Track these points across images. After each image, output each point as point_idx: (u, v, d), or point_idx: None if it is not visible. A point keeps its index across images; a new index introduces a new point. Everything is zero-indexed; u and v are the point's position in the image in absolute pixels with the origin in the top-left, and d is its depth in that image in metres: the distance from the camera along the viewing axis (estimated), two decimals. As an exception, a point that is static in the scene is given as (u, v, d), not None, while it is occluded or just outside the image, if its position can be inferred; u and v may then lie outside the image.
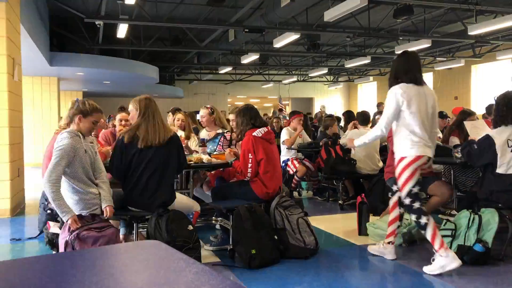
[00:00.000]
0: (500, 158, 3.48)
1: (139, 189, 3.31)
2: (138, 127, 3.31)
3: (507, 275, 3.22)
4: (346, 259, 3.63)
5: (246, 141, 3.79)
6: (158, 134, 3.29)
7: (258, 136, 3.79)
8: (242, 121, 3.91)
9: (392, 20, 10.29)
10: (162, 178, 3.34)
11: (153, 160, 3.29)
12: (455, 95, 17.40)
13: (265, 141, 3.82)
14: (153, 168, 3.30)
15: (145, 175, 3.29)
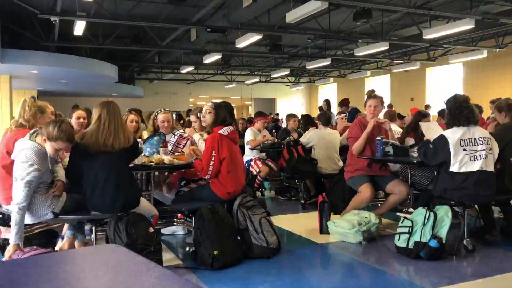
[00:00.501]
0: (453, 157, 3.63)
1: (98, 193, 3.22)
2: (92, 131, 3.25)
3: (459, 269, 3.37)
4: (308, 258, 3.68)
5: (212, 138, 3.76)
6: (113, 138, 3.22)
7: (224, 134, 3.77)
8: (218, 116, 3.86)
9: (351, 23, 10.53)
10: (121, 180, 3.27)
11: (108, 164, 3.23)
12: (411, 97, 18.03)
13: (230, 140, 3.81)
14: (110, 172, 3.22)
15: (102, 179, 3.21)
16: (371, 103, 4.47)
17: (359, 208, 4.35)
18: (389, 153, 4.40)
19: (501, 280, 3.09)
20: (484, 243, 3.92)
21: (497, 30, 11.97)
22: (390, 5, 9.07)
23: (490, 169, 3.65)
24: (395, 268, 3.46)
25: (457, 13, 9.57)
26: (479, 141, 3.64)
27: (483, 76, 15.03)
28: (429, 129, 4.63)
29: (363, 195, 4.29)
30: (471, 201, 3.75)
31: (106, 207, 3.23)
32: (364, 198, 4.30)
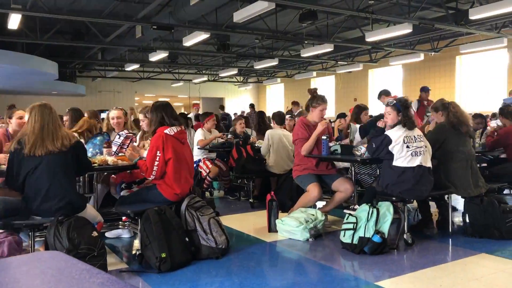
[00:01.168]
0: (396, 153, 3.81)
1: (40, 197, 3.07)
2: (27, 134, 3.11)
3: (400, 262, 3.53)
4: (256, 256, 3.70)
5: (156, 138, 3.66)
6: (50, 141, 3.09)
7: (170, 134, 3.69)
8: (156, 117, 3.77)
9: (298, 24, 10.73)
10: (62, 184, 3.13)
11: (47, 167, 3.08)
12: (355, 97, 18.69)
13: (176, 140, 3.73)
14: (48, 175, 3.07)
15: (41, 182, 3.06)
16: (323, 108, 4.58)
17: (306, 207, 4.44)
18: (337, 152, 4.53)
19: (436, 270, 3.27)
20: (422, 237, 4.14)
21: (432, 34, 12.71)
22: (334, 8, 9.34)
23: (428, 164, 3.87)
24: (340, 263, 3.57)
25: (396, 17, 10.04)
26: (417, 138, 3.85)
27: (421, 78, 15.88)
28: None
29: (311, 194, 4.39)
30: (410, 195, 3.96)
31: (49, 211, 3.08)
32: (312, 197, 4.40)
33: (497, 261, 3.48)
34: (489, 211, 4.04)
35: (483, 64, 14.49)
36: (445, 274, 3.20)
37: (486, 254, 3.63)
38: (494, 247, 3.77)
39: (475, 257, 3.57)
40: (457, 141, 4.23)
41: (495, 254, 3.61)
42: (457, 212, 5.07)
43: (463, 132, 4.27)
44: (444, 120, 4.41)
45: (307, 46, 14.01)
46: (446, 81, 15.05)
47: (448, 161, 4.21)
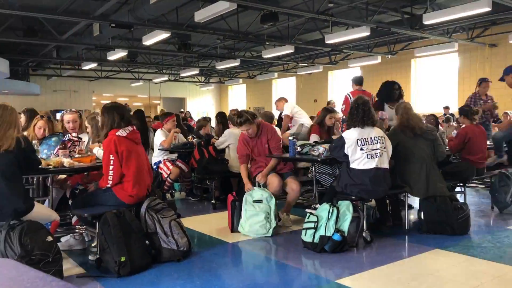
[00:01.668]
0: (351, 156, 3.91)
1: None
2: None
3: (359, 260, 3.62)
4: (218, 258, 3.68)
5: (108, 141, 3.52)
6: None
7: (122, 135, 3.58)
8: (107, 120, 3.65)
9: (259, 25, 10.79)
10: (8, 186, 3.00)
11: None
12: (315, 98, 19.00)
13: (130, 141, 3.63)
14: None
15: None
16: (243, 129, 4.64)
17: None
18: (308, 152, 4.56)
19: (393, 267, 3.38)
20: (380, 234, 4.26)
21: (389, 38, 13.12)
22: (295, 10, 9.45)
23: (385, 166, 3.98)
24: (302, 262, 3.61)
25: (355, 21, 10.29)
26: (375, 140, 3.94)
27: (378, 80, 16.25)
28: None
29: (272, 185, 4.44)
30: (369, 195, 4.06)
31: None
32: (274, 186, 4.45)
33: (449, 256, 3.63)
34: (442, 209, 4.21)
35: (436, 67, 15.12)
36: (402, 270, 3.31)
37: (439, 249, 3.78)
38: (447, 243, 3.94)
39: (429, 252, 3.71)
40: (412, 144, 4.38)
41: (448, 250, 3.77)
42: (412, 210, 5.25)
43: (419, 135, 4.41)
44: (397, 123, 4.57)
45: (269, 47, 14.11)
46: (402, 83, 15.45)
47: (403, 162, 4.36)
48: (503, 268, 3.32)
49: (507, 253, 3.67)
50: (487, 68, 13.20)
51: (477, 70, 13.38)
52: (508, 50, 12.68)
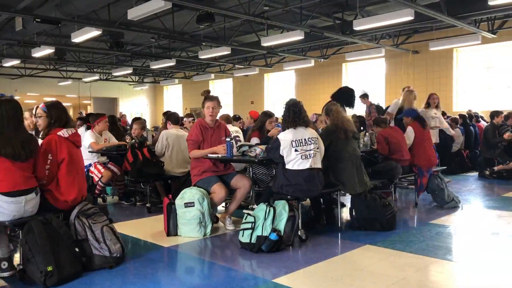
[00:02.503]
0: (286, 157, 3.99)
1: None
2: None
3: (295, 258, 3.70)
4: (154, 263, 3.58)
5: (48, 140, 3.36)
6: None
7: (64, 136, 3.40)
8: (51, 117, 3.44)
9: (195, 25, 10.67)
10: None
11: None
12: (252, 100, 19.18)
13: (70, 143, 3.45)
14: None
15: None
16: (209, 105, 4.58)
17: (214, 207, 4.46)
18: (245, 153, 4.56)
19: (327, 264, 3.49)
20: (315, 232, 4.39)
21: (321, 42, 13.58)
22: (231, 11, 9.47)
23: (318, 166, 4.11)
24: (239, 263, 3.62)
25: (289, 24, 10.53)
26: (308, 141, 4.05)
27: (311, 83, 16.88)
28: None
29: (218, 195, 4.39)
30: (304, 195, 4.17)
31: None
32: (219, 198, 4.40)
33: (379, 251, 3.83)
34: (372, 206, 4.43)
35: (365, 71, 15.90)
36: (336, 267, 3.43)
37: (370, 245, 3.97)
38: (376, 239, 4.14)
39: (360, 249, 3.88)
40: (343, 143, 4.57)
41: (377, 245, 3.96)
42: (344, 208, 5.46)
43: (349, 135, 4.61)
44: (329, 124, 4.74)
45: (205, 48, 14.02)
46: (334, 86, 16.12)
47: (336, 161, 4.53)
48: (426, 260, 3.56)
49: (429, 246, 3.94)
50: (410, 73, 14.10)
51: (402, 75, 14.25)
52: (428, 56, 13.64)
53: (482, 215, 5.36)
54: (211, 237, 4.30)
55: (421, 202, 5.88)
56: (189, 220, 4.23)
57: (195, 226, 4.23)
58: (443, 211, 5.41)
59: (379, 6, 10.77)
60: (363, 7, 10.68)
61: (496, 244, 4.11)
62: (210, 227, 4.31)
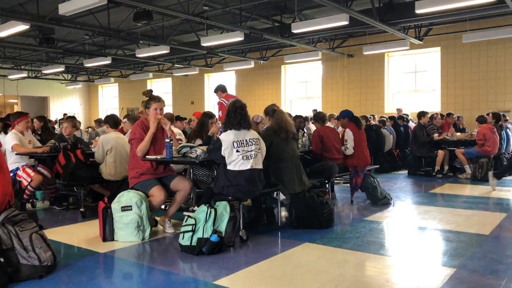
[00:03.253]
0: (228, 157, 3.98)
1: None
2: None
3: (236, 259, 3.69)
4: (89, 270, 3.41)
5: None
6: None
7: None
8: None
9: (132, 23, 10.36)
10: None
11: None
12: (192, 100, 18.97)
13: None
14: None
15: None
16: (156, 106, 4.47)
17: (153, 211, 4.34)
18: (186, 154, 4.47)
19: (268, 263, 3.53)
20: (256, 232, 4.42)
21: (261, 44, 13.74)
22: (169, 10, 9.29)
23: (259, 166, 4.14)
24: (180, 267, 3.55)
25: (229, 25, 10.54)
26: (250, 142, 4.08)
27: (251, 84, 17.02)
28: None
29: (157, 199, 4.27)
30: (245, 195, 4.19)
31: None
32: (158, 201, 4.29)
33: (317, 248, 3.93)
34: (310, 204, 4.54)
35: (303, 73, 16.31)
36: (276, 266, 3.47)
37: (309, 243, 4.07)
38: (315, 236, 4.26)
39: (300, 247, 3.97)
40: (283, 144, 4.65)
41: (316, 243, 4.07)
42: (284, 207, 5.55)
43: (289, 136, 4.70)
44: (271, 125, 4.80)
45: (143, 47, 13.65)
46: (274, 87, 16.46)
47: (276, 161, 4.59)
48: (361, 255, 3.71)
49: (364, 241, 4.11)
50: (345, 76, 14.68)
51: (338, 78, 14.80)
52: (362, 60, 14.28)
53: (411, 210, 5.70)
54: (150, 241, 4.18)
55: (356, 199, 6.13)
56: (126, 224, 4.09)
57: (133, 230, 4.10)
58: (377, 208, 5.68)
59: (316, 10, 11.10)
60: (301, 11, 10.95)
61: (424, 237, 4.39)
62: (148, 231, 4.20)
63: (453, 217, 5.09)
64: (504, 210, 5.44)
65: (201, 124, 5.44)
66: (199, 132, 5.37)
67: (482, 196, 6.49)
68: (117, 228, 4.13)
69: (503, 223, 4.77)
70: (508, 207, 5.68)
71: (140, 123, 4.47)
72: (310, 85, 16.11)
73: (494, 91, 12.07)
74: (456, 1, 8.22)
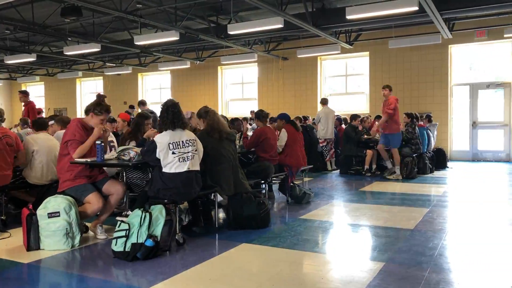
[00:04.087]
0: (163, 160, 3.89)
1: None
2: None
3: (172, 263, 3.62)
4: (10, 282, 3.17)
5: None
6: None
7: None
8: None
9: (60, 18, 9.80)
10: None
11: None
12: (125, 100, 18.33)
13: None
14: None
15: None
16: (105, 118, 4.30)
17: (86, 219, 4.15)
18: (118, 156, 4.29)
19: (206, 266, 3.50)
20: (193, 235, 4.37)
21: (197, 44, 13.61)
22: (100, 6, 8.91)
23: (196, 168, 4.09)
24: (112, 274, 3.41)
25: (164, 24, 10.32)
26: (186, 143, 4.01)
27: (187, 84, 16.80)
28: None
29: (94, 206, 4.07)
30: (181, 198, 4.12)
31: None
32: (95, 209, 4.10)
33: (255, 248, 3.97)
34: (247, 205, 4.57)
35: (240, 75, 16.39)
36: (214, 268, 3.45)
37: (246, 243, 4.09)
38: (252, 237, 4.29)
39: (237, 248, 3.98)
40: (220, 146, 4.64)
41: (253, 243, 4.11)
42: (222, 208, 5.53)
43: (225, 137, 4.70)
44: (204, 127, 4.78)
45: (71, 44, 12.97)
46: (211, 88, 16.38)
47: (213, 163, 4.57)
48: (297, 254, 3.80)
49: (299, 240, 4.22)
50: (281, 78, 14.97)
51: (273, 80, 15.05)
52: (296, 63, 14.65)
53: (343, 208, 5.93)
54: (80, 248, 3.97)
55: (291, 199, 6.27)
56: (53, 232, 3.85)
57: (61, 237, 3.86)
58: (311, 206, 5.85)
59: (251, 13, 11.21)
60: (236, 12, 11.00)
61: (355, 234, 4.59)
62: (78, 238, 3.98)
63: (382, 214, 5.38)
64: (426, 206, 5.84)
65: (136, 125, 5.27)
66: (133, 134, 5.18)
67: (407, 193, 6.92)
68: (43, 236, 3.88)
69: (425, 217, 5.12)
70: (430, 203, 6.10)
71: (80, 124, 4.24)
72: (246, 86, 16.23)
73: (416, 94, 12.92)
74: (382, 9, 8.70)
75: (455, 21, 11.24)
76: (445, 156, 10.51)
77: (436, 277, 3.15)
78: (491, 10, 9.56)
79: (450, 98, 12.64)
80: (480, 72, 12.82)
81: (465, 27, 11.62)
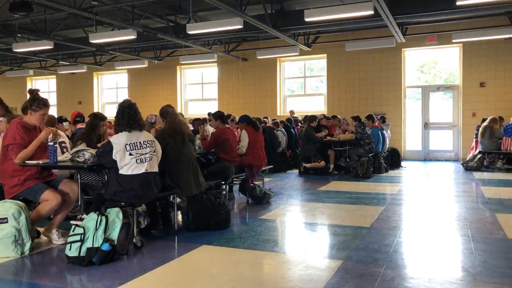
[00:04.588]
0: (120, 161, 3.79)
1: None
2: None
3: (130, 267, 3.53)
4: (-45, 294, 2.98)
5: None
6: None
7: None
8: None
9: (9, 14, 9.33)
10: None
11: None
12: (79, 100, 17.73)
13: None
14: None
15: None
16: (44, 112, 4.07)
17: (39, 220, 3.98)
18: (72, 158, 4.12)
19: (164, 269, 3.44)
20: (151, 238, 4.28)
21: (155, 43, 13.38)
22: (52, 2, 8.56)
23: (154, 169, 4.01)
24: (66, 280, 3.27)
25: (121, 22, 10.06)
26: (144, 144, 3.92)
27: (145, 84, 16.47)
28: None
29: (53, 202, 3.89)
30: (139, 200, 4.02)
31: None
32: (54, 204, 3.91)
33: (215, 250, 3.94)
34: (207, 206, 4.53)
35: (200, 75, 16.26)
36: (173, 271, 3.39)
37: (206, 245, 4.05)
38: (212, 238, 4.26)
39: (197, 250, 3.93)
40: (178, 146, 4.57)
41: (213, 244, 4.08)
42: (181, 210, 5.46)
43: (185, 138, 4.64)
44: (165, 127, 4.70)
45: (21, 41, 12.38)
46: (169, 88, 16.13)
47: (172, 164, 4.49)
48: (257, 254, 3.81)
49: (260, 240, 4.23)
50: (240, 79, 14.98)
51: (233, 80, 15.04)
52: (256, 64, 14.71)
53: (302, 207, 6.01)
54: (31, 255, 3.79)
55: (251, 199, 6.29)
56: (1, 239, 3.65)
57: (9, 245, 3.67)
58: (271, 206, 5.89)
59: (211, 13, 11.14)
60: (196, 12, 10.90)
61: (314, 233, 4.66)
62: (29, 245, 3.79)
63: (339, 212, 5.49)
64: (382, 204, 6.03)
65: (91, 126, 5.07)
66: (87, 135, 4.99)
67: (363, 192, 7.12)
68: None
69: (381, 215, 5.29)
70: (385, 201, 6.30)
71: (19, 126, 4.00)
72: (206, 87, 16.12)
73: (372, 96, 13.32)
74: (339, 12, 8.91)
75: (408, 26, 11.69)
76: (399, 156, 10.91)
77: (392, 273, 3.26)
78: (441, 16, 10.02)
79: (404, 100, 13.13)
80: (431, 75, 13.42)
81: (417, 31, 12.12)
